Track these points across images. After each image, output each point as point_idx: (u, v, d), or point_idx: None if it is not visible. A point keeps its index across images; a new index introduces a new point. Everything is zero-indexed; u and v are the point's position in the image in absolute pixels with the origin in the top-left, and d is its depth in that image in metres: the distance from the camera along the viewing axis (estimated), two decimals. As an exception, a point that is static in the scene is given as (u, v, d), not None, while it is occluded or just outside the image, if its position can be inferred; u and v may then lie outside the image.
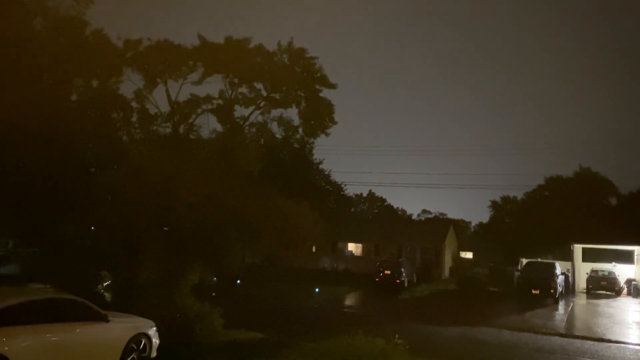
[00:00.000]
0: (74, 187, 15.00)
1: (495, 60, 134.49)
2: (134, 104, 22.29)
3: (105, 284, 15.44)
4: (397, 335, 11.05)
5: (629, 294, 30.68)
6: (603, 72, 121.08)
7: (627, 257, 32.62)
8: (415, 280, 32.41)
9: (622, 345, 16.64)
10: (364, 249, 41.55)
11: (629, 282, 31.28)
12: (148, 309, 11.71)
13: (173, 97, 24.41)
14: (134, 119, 21.93)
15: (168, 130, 23.46)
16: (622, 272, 32.13)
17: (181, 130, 23.71)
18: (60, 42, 16.65)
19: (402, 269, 30.25)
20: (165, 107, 24.18)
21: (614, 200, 53.26)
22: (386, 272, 29.94)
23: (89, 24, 18.70)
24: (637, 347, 16.39)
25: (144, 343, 10.67)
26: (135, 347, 10.43)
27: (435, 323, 18.76)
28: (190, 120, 24.20)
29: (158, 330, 11.11)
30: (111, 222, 14.58)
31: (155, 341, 10.98)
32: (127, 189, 14.32)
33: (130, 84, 23.16)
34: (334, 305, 23.16)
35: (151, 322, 11.09)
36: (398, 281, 29.62)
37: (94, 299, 10.94)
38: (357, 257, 41.18)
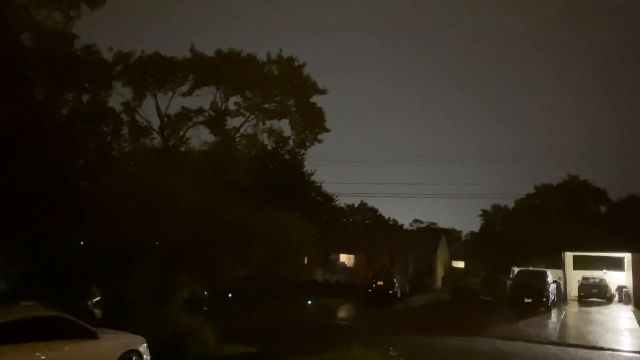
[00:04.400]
0: (64, 201, 14.83)
1: (486, 69, 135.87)
2: (123, 117, 22.22)
3: (94, 300, 15.22)
4: (391, 348, 10.97)
5: (620, 300, 30.81)
6: (592, 81, 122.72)
7: (618, 264, 32.80)
8: (408, 291, 32.32)
9: (616, 352, 16.67)
10: (356, 259, 41.42)
11: (619, 289, 31.42)
12: (139, 325, 11.55)
13: (163, 110, 24.37)
14: (124, 132, 21.83)
15: (158, 142, 23.37)
16: (613, 279, 32.29)
17: (172, 142, 23.62)
18: (49, 56, 16.55)
19: (395, 280, 30.18)
20: (155, 120, 24.13)
21: (603, 208, 53.75)
22: (379, 282, 29.84)
23: (78, 37, 18.64)
24: (630, 355, 16.44)
25: (135, 360, 10.51)
26: (126, 364, 10.26)
27: (429, 334, 18.67)
28: (181, 133, 24.13)
29: (149, 347, 10.95)
30: (101, 237, 14.41)
31: (146, 357, 10.83)
32: (117, 202, 14.19)
33: (120, 96, 23.11)
34: (327, 318, 23.01)
35: (142, 339, 10.93)
36: (391, 292, 29.52)
37: (83, 315, 10.77)
38: (349, 268, 41.03)
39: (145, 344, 10.88)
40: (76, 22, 18.27)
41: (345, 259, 42.21)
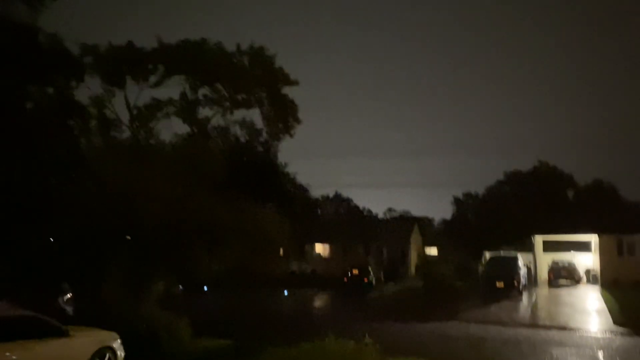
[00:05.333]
0: (32, 198, 14.48)
1: (455, 58, 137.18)
2: (92, 110, 21.76)
3: (66, 297, 14.95)
4: (367, 335, 11.04)
5: (588, 282, 31.71)
6: (559, 68, 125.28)
7: (586, 247, 33.70)
8: (382, 279, 32.66)
9: (585, 332, 17.16)
10: (331, 250, 41.61)
11: (587, 271, 32.33)
12: (113, 321, 11.38)
13: (133, 102, 23.97)
14: (93, 125, 21.40)
15: (128, 136, 23.00)
16: (581, 261, 33.18)
17: (142, 135, 23.26)
18: (10, 47, 16.05)
19: (370, 269, 30.44)
20: (125, 113, 23.72)
21: (571, 193, 55.16)
22: (354, 272, 30.06)
23: (41, 29, 18.11)
24: (598, 334, 16.93)
25: (109, 357, 10.35)
26: (99, 361, 10.11)
27: (404, 320, 18.90)
28: (152, 125, 23.80)
29: (123, 343, 10.80)
30: (72, 233, 14.13)
31: (121, 354, 10.67)
32: (87, 198, 13.91)
33: (88, 89, 22.61)
34: (303, 308, 23.09)
35: (115, 335, 10.77)
36: (366, 280, 29.78)
37: (54, 313, 10.55)
38: (324, 258, 41.20)
39: (119, 340, 10.73)
40: (41, 14, 17.76)
41: (320, 249, 42.34)
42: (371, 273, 30.25)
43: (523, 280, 27.05)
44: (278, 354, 11.65)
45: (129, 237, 14.86)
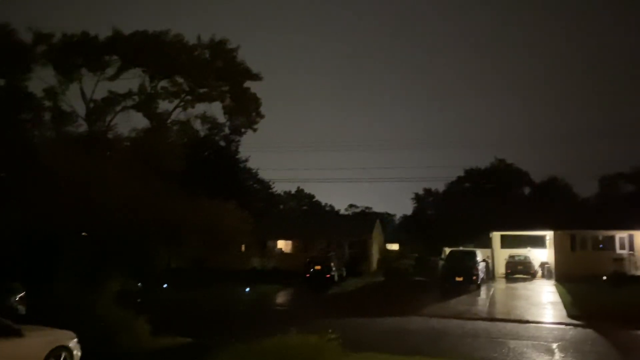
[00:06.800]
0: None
1: (417, 55, 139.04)
2: (46, 103, 20.93)
3: (18, 296, 14.35)
4: (329, 330, 11.03)
5: (543, 276, 32.68)
6: (515, 67, 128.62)
7: (541, 242, 34.74)
8: (344, 274, 32.76)
9: (540, 325, 17.70)
10: (293, 246, 41.47)
11: (542, 265, 33.34)
12: (68, 320, 11.00)
13: (89, 95, 23.17)
14: (47, 118, 20.60)
15: (84, 129, 22.24)
16: (537, 256, 34.18)
17: (99, 129, 22.55)
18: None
19: (332, 264, 30.49)
20: (80, 106, 22.91)
21: (527, 189, 56.80)
22: (316, 267, 30.06)
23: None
24: (553, 326, 17.49)
25: (65, 356, 10.01)
26: (55, 361, 9.75)
27: (366, 315, 19.02)
28: (109, 118, 23.09)
29: (80, 342, 10.45)
30: (22, 229, 13.58)
31: (77, 353, 10.33)
32: (40, 193, 13.40)
33: (41, 81, 21.68)
34: (265, 304, 22.93)
35: (71, 334, 10.42)
36: (328, 276, 29.82)
37: (6, 313, 10.13)
38: (287, 254, 41.02)
39: (75, 339, 10.38)
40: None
41: (282, 245, 42.15)
42: (333, 269, 30.31)
43: (481, 274, 27.66)
44: (239, 350, 11.52)
45: (84, 233, 14.41)
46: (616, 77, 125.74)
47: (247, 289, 25.71)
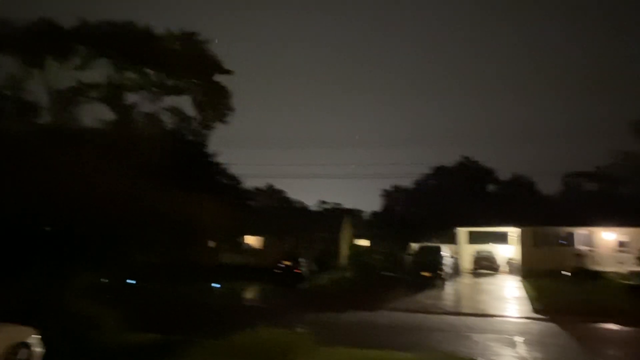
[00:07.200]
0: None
1: (386, 52, 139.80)
2: (8, 93, 20.23)
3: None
4: (300, 325, 11.05)
5: (507, 271, 33.46)
6: (480, 66, 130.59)
7: (505, 238, 35.54)
8: (314, 270, 32.82)
9: (504, 319, 18.13)
10: (263, 242, 41.33)
11: (507, 261, 34.13)
12: (33, 316, 10.68)
13: (54, 85, 22.47)
14: (7, 108, 19.90)
15: (49, 121, 21.56)
16: (501, 252, 34.98)
17: (64, 120, 21.91)
18: None
19: (301, 260, 30.51)
20: (44, 96, 22.21)
21: (493, 187, 58.00)
22: (285, 263, 30.01)
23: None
24: (517, 320, 17.94)
25: (24, 353, 9.68)
26: (13, 359, 9.43)
27: (336, 310, 19.13)
28: (74, 110, 22.44)
29: (44, 338, 10.14)
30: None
31: (38, 350, 10.00)
32: (1, 185, 12.96)
33: (3, 70, 20.93)
34: (234, 300, 22.79)
35: (31, 329, 10.06)
36: (297, 271, 29.81)
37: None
38: (256, 250, 40.85)
39: (36, 335, 10.05)
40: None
41: (252, 241, 41.95)
42: (302, 264, 30.33)
43: (448, 270, 28.14)
44: (209, 347, 11.42)
45: (47, 228, 14.02)
46: (582, 77, 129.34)
47: (217, 285, 25.49)
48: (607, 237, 31.39)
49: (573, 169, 53.15)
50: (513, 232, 34.23)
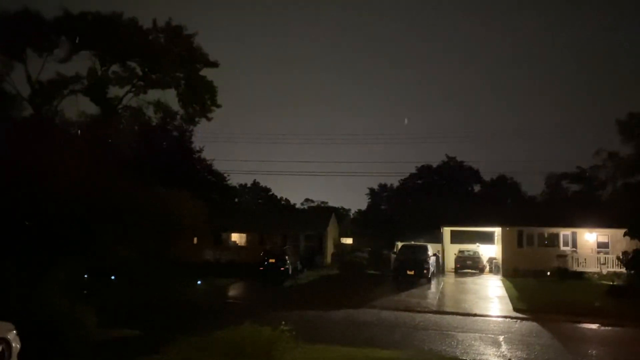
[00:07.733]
0: None
1: (373, 50, 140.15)
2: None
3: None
4: (283, 322, 10.95)
5: (490, 271, 33.64)
6: (467, 66, 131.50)
7: (489, 238, 35.72)
8: (299, 268, 32.73)
9: (487, 318, 18.21)
10: (248, 239, 41.13)
11: (490, 260, 34.31)
12: (9, 311, 10.45)
13: (34, 77, 22.03)
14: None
15: (29, 113, 21.16)
16: (485, 251, 35.15)
17: (45, 112, 21.51)
18: None
19: (287, 257, 30.35)
20: (25, 88, 21.77)
21: (477, 187, 58.39)
22: (270, 260, 29.84)
23: None
24: (499, 319, 18.03)
25: (2, 349, 9.49)
26: (-10, 354, 9.24)
27: (320, 308, 19.07)
28: (56, 102, 22.04)
29: (20, 334, 9.94)
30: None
31: (16, 345, 9.80)
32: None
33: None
34: (218, 297, 22.60)
35: (10, 325, 9.87)
36: (282, 269, 29.65)
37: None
38: (241, 247, 40.67)
39: (14, 331, 9.85)
40: None
41: (237, 238, 41.74)
42: (288, 262, 30.20)
43: (432, 268, 28.20)
44: (190, 343, 11.28)
45: (27, 222, 13.75)
46: (567, 79, 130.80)
47: (199, 282, 25.28)
48: (589, 238, 31.71)
49: (556, 170, 53.53)
50: (496, 231, 34.43)
